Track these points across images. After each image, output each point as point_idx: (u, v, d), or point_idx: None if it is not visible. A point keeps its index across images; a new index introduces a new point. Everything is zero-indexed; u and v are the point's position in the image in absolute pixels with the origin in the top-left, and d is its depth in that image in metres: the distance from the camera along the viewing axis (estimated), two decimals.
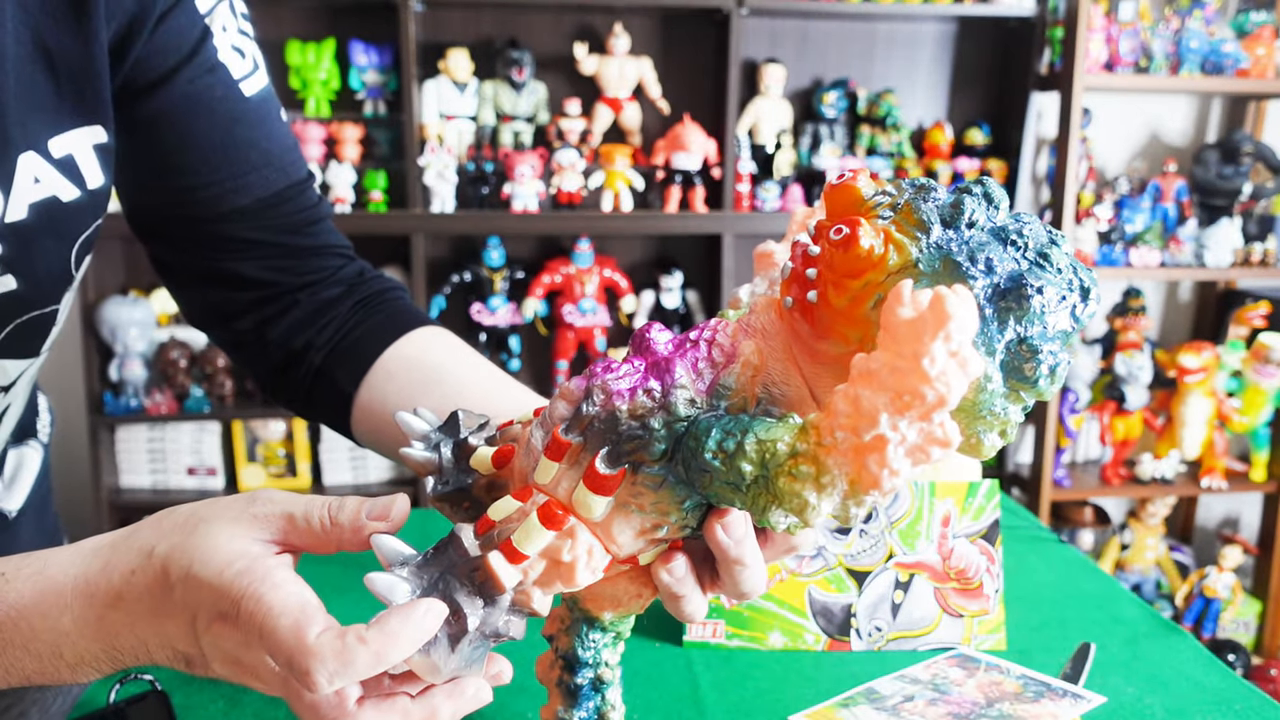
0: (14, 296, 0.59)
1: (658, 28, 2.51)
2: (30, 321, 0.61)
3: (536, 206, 2.40)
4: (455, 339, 0.73)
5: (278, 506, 0.45)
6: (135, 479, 2.48)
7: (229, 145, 0.65)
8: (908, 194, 0.41)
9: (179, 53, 0.61)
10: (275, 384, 0.74)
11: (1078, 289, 0.39)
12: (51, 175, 0.57)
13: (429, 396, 0.67)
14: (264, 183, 0.67)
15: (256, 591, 0.41)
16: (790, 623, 0.78)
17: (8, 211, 0.55)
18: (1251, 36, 2.55)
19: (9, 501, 0.73)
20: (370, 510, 0.45)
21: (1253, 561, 2.79)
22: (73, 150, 0.57)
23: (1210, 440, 2.64)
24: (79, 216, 0.60)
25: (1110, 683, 0.73)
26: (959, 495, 0.80)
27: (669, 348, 0.45)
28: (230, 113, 0.64)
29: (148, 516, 0.48)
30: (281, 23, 2.39)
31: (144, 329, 2.37)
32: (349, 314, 0.72)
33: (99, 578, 0.46)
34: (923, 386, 0.35)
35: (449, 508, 0.51)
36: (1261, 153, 2.60)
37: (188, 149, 0.64)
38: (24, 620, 0.45)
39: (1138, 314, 2.67)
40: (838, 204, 0.42)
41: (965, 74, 2.68)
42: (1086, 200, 2.60)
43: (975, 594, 0.79)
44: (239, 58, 0.64)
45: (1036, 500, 2.62)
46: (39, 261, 0.59)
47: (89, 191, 0.59)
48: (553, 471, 0.45)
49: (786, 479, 0.39)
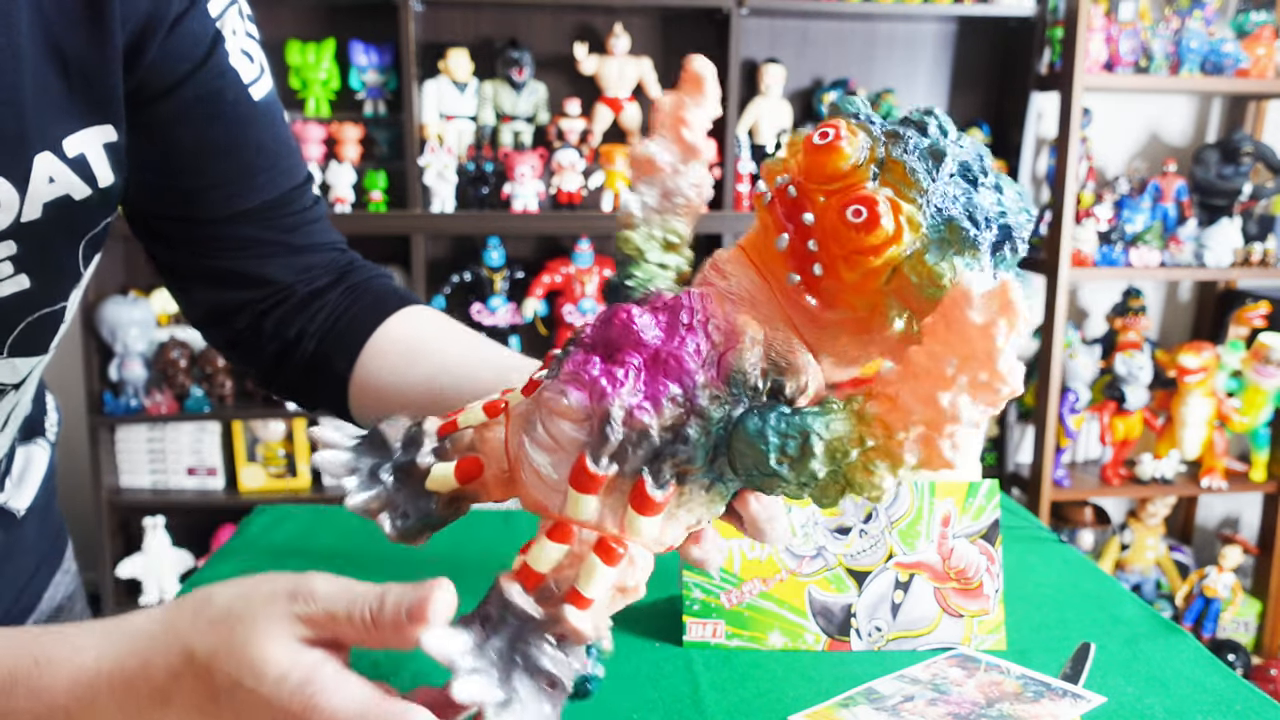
0: (26, 295, 0.59)
1: (658, 28, 2.51)
2: (40, 319, 0.62)
3: (536, 206, 2.40)
4: (442, 315, 0.74)
5: (320, 605, 0.43)
6: (135, 479, 2.48)
7: (238, 149, 0.66)
8: (884, 144, 0.41)
9: (192, 58, 0.61)
10: (272, 376, 0.75)
11: (1027, 210, 0.43)
12: (65, 174, 0.57)
13: (416, 369, 0.68)
14: (270, 185, 0.68)
15: (321, 703, 0.40)
16: (790, 623, 0.78)
17: (23, 211, 0.56)
18: (1251, 36, 2.55)
19: (18, 500, 0.73)
20: (410, 611, 0.41)
21: (1253, 561, 2.79)
22: (84, 149, 0.58)
23: (1210, 440, 2.64)
24: (90, 214, 0.60)
25: (1110, 683, 0.73)
26: (959, 495, 0.80)
27: (660, 337, 0.43)
28: (240, 117, 0.65)
29: (178, 602, 0.45)
30: (281, 23, 2.39)
31: (144, 329, 2.37)
32: (339, 299, 0.72)
33: (138, 676, 0.43)
34: (998, 384, 0.37)
35: (411, 540, 0.48)
36: (1261, 153, 2.60)
37: (199, 153, 0.65)
38: (63, 712, 0.44)
39: (1138, 314, 2.67)
40: (822, 167, 0.41)
41: (965, 74, 2.68)
42: (1086, 200, 2.60)
43: (975, 594, 0.79)
44: (248, 61, 0.65)
45: (1036, 500, 2.61)
46: (50, 260, 0.60)
47: (100, 190, 0.59)
48: (593, 506, 0.42)
49: (863, 474, 0.40)
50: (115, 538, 2.47)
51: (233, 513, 2.50)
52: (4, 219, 0.55)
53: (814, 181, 0.42)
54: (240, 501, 2.47)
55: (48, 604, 0.79)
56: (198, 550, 2.53)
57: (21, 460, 0.74)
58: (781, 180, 0.43)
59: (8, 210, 0.55)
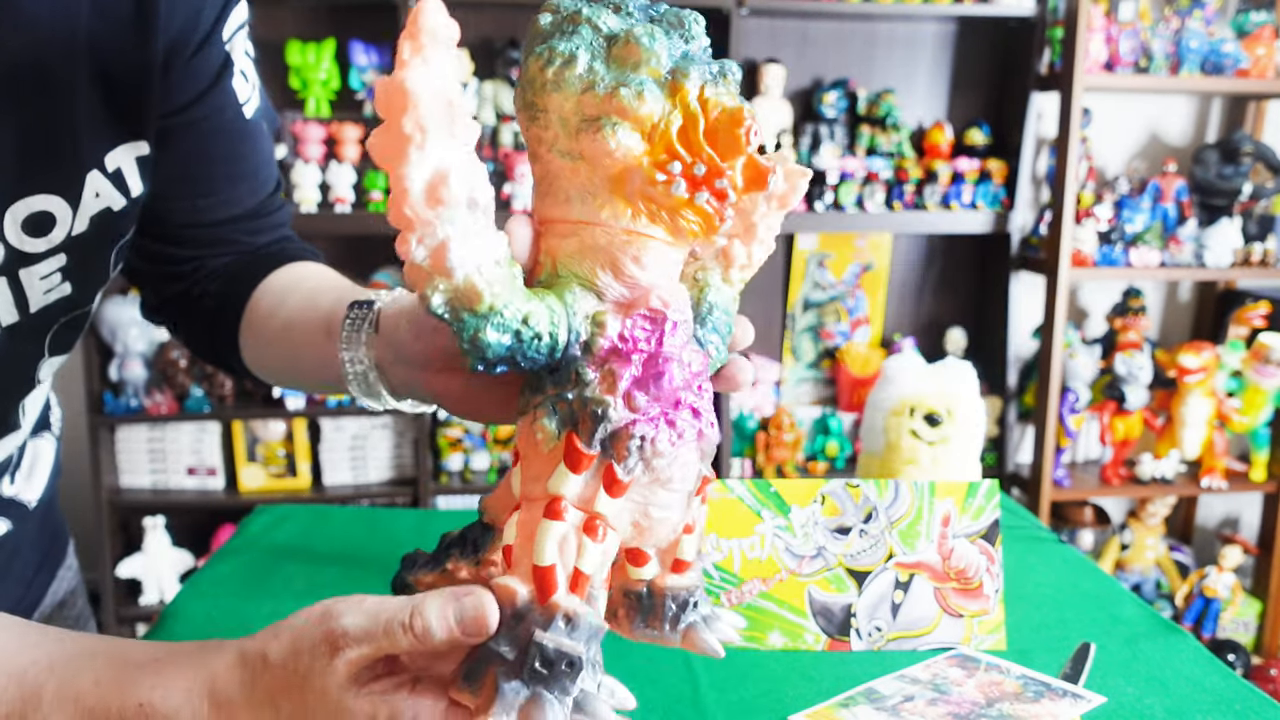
0: (67, 300, 0.64)
1: None
2: (72, 320, 0.66)
3: None
4: (325, 268, 0.77)
5: (366, 647, 0.43)
6: (135, 479, 2.48)
7: (232, 160, 0.71)
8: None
9: (207, 78, 0.66)
10: (189, 337, 0.78)
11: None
12: (107, 188, 0.61)
13: (292, 296, 0.70)
14: (252, 193, 0.74)
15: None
16: (790, 623, 0.78)
17: (74, 226, 0.60)
18: (1251, 36, 2.55)
19: (29, 492, 0.75)
20: (465, 629, 0.42)
21: (1253, 561, 2.79)
22: (121, 164, 0.62)
23: (1210, 440, 2.64)
24: (123, 223, 0.65)
25: (1110, 683, 0.73)
26: (959, 495, 0.80)
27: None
28: (237, 132, 0.70)
29: (230, 661, 0.45)
30: (281, 23, 2.39)
31: (144, 329, 2.37)
32: (236, 262, 0.75)
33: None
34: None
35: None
36: (1261, 153, 2.60)
37: (201, 163, 0.69)
38: None
39: (1138, 314, 2.67)
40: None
41: (965, 74, 2.68)
42: (1086, 200, 2.60)
43: (975, 594, 0.79)
44: (244, 81, 0.69)
45: (1036, 500, 2.62)
46: (89, 267, 0.64)
47: (132, 200, 0.64)
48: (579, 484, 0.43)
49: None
50: (115, 537, 2.47)
51: (233, 513, 2.50)
52: (59, 235, 0.59)
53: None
54: (240, 501, 2.47)
55: (51, 598, 0.80)
56: (198, 550, 2.53)
57: (31, 453, 0.76)
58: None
59: (63, 226, 0.59)
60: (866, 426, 1.01)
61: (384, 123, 0.38)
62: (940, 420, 0.95)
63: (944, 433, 0.95)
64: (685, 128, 0.43)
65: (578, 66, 0.42)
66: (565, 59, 0.42)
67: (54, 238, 0.59)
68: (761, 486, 0.80)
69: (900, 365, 1.01)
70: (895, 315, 2.80)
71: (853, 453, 2.68)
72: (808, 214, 2.50)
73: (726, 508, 0.79)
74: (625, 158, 0.42)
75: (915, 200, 2.55)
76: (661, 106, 0.42)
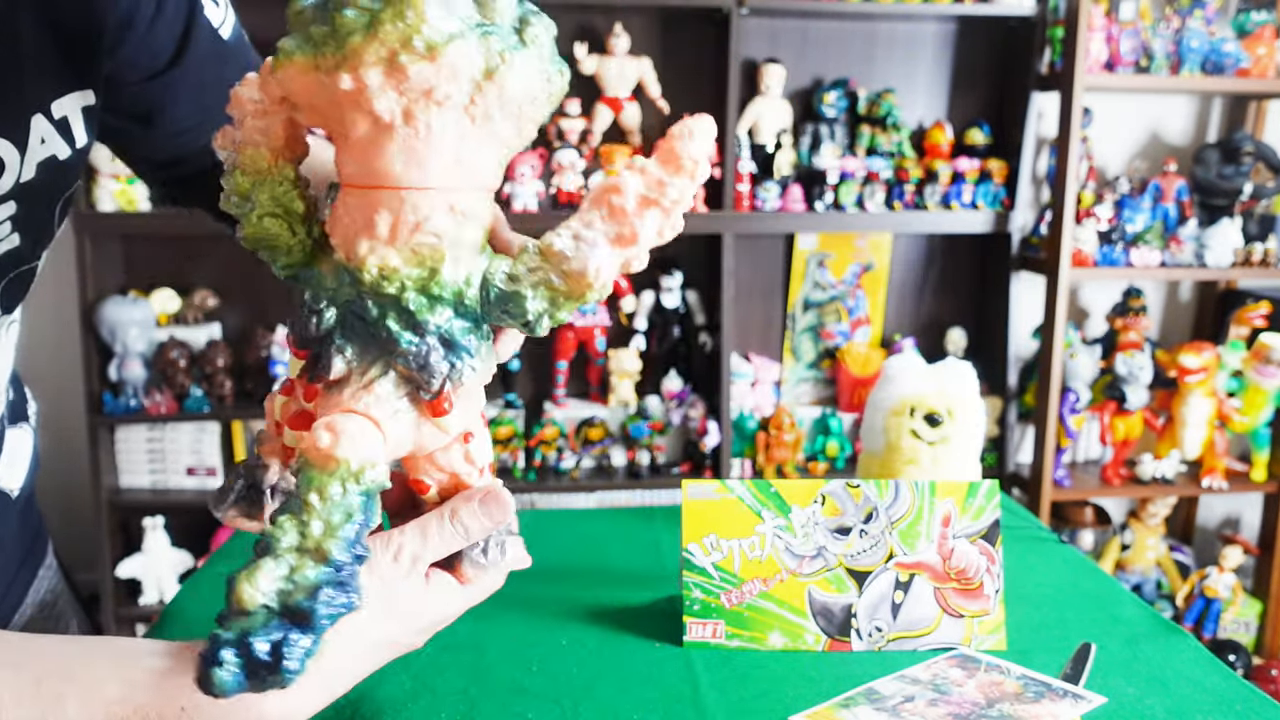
0: (15, 253, 0.63)
1: (658, 28, 2.51)
2: (20, 276, 0.66)
3: (536, 206, 2.40)
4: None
5: (410, 541, 0.52)
6: (135, 479, 2.48)
7: (218, 84, 0.70)
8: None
9: (180, 24, 0.66)
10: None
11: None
12: (53, 135, 0.61)
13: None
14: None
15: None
16: (790, 623, 0.78)
17: (22, 171, 0.60)
18: (1252, 36, 2.55)
19: (10, 480, 0.75)
20: (486, 505, 0.54)
21: (1253, 562, 2.79)
22: (67, 112, 0.62)
23: (1211, 440, 2.64)
24: (67, 175, 0.64)
25: (1110, 683, 0.73)
26: (959, 495, 0.79)
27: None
28: (218, 54, 0.70)
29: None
30: (282, 23, 2.38)
31: (143, 329, 2.37)
32: None
33: None
34: None
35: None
36: (1262, 152, 2.60)
37: (183, 96, 0.69)
38: None
39: (1138, 314, 2.67)
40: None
41: (965, 74, 2.67)
42: (1087, 200, 2.60)
43: (975, 594, 0.79)
44: (214, 6, 0.69)
45: (1037, 500, 2.61)
46: (36, 219, 0.64)
47: (77, 150, 0.64)
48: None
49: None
50: (115, 538, 2.47)
51: None
52: (8, 180, 0.59)
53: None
54: None
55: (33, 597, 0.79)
56: (198, 550, 2.53)
57: (10, 443, 0.76)
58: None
59: (11, 171, 0.59)
60: (866, 426, 1.01)
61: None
62: (940, 420, 0.94)
63: (944, 433, 0.94)
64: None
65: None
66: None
67: (4, 184, 0.59)
68: (761, 486, 0.80)
69: (900, 365, 1.00)
70: (895, 315, 2.80)
71: (853, 453, 2.68)
72: (808, 214, 2.50)
73: (726, 507, 0.79)
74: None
75: (915, 200, 2.55)
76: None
